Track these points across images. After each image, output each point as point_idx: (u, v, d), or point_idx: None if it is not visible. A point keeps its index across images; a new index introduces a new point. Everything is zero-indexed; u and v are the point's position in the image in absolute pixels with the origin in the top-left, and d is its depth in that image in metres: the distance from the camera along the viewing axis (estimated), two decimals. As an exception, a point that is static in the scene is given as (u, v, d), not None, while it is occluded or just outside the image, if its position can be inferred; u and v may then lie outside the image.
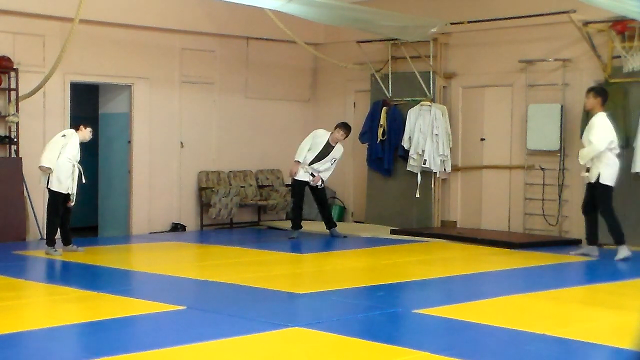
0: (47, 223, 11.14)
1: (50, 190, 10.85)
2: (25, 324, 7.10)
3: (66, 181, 10.77)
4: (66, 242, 11.08)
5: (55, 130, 12.27)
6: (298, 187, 13.00)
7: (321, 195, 13.15)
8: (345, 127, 13.04)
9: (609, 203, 10.85)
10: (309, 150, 12.89)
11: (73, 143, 10.81)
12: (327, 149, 12.92)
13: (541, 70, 13.21)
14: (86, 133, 10.99)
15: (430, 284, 9.26)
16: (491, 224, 13.72)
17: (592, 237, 11.09)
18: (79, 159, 10.89)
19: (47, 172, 10.75)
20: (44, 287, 9.12)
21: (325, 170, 12.96)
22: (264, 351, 6.31)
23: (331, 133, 12.99)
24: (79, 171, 10.87)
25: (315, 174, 12.89)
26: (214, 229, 14.50)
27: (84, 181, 10.99)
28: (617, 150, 10.88)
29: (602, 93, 10.94)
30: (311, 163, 12.87)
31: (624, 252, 10.78)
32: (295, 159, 12.93)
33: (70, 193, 10.83)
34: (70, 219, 11.13)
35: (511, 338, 6.67)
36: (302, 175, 12.90)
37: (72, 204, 10.94)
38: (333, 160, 12.98)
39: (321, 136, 13.00)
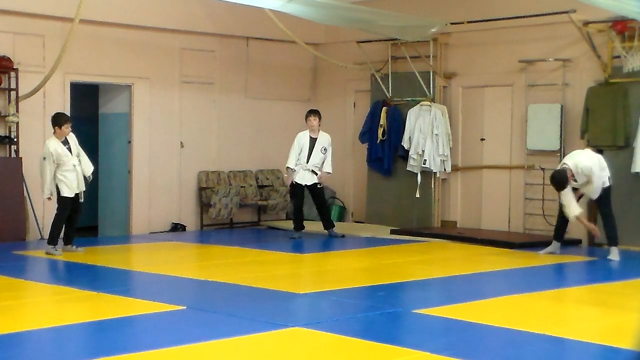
0: (53, 224, 11.01)
1: (60, 197, 10.83)
2: (25, 324, 7.10)
3: (73, 184, 10.79)
4: (67, 241, 11.07)
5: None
6: (298, 188, 12.99)
7: (320, 196, 13.15)
8: (312, 112, 13.10)
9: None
10: (300, 154, 12.88)
11: (60, 154, 10.72)
12: (313, 142, 12.95)
13: (541, 70, 13.21)
14: (64, 130, 10.82)
15: (430, 284, 9.26)
16: (491, 224, 13.72)
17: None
18: (70, 154, 10.82)
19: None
20: (44, 287, 9.12)
21: (321, 161, 12.93)
22: (264, 351, 6.31)
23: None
24: (80, 167, 10.87)
25: (317, 172, 12.90)
26: (214, 229, 14.50)
27: (87, 174, 11.01)
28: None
29: None
30: (308, 161, 12.90)
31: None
32: (286, 166, 12.99)
33: (80, 191, 10.87)
34: (78, 219, 11.12)
35: (511, 338, 6.67)
36: (301, 178, 12.89)
37: (82, 200, 10.96)
38: (322, 149, 12.96)
39: (303, 136, 13.00)
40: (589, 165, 10.79)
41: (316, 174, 12.95)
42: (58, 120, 10.92)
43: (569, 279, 10.22)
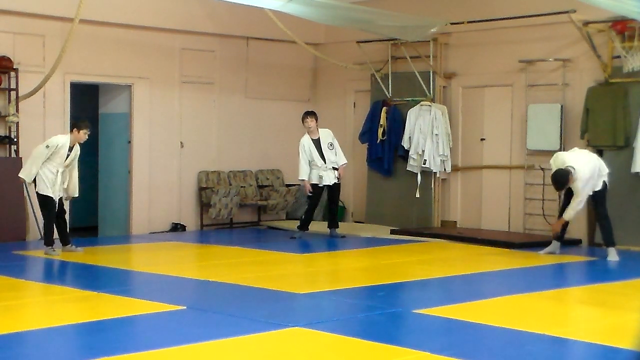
0: (43, 225, 11.12)
1: (37, 193, 10.90)
2: (25, 324, 7.10)
3: (51, 187, 10.78)
4: (64, 242, 11.07)
5: (55, 130, 12.28)
6: (320, 188, 12.94)
7: (337, 194, 13.11)
8: (308, 114, 13.02)
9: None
10: (311, 160, 12.83)
11: (59, 154, 10.73)
12: (317, 143, 12.93)
13: (541, 70, 13.21)
14: (81, 135, 10.86)
15: (430, 284, 9.26)
16: (491, 224, 13.72)
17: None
18: (63, 161, 10.80)
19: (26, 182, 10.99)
20: (44, 287, 9.12)
21: (336, 157, 12.92)
22: (264, 351, 6.31)
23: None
24: (60, 176, 10.80)
25: (337, 167, 12.89)
26: (214, 229, 14.50)
27: (71, 194, 11.04)
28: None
29: None
30: (325, 161, 12.85)
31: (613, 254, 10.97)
32: (300, 178, 12.96)
33: (60, 197, 10.86)
34: (65, 218, 11.12)
35: (511, 338, 6.67)
36: (328, 179, 12.86)
37: (56, 210, 10.91)
38: (329, 145, 12.95)
39: (305, 141, 12.91)
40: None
41: (337, 170, 12.92)
42: (80, 124, 10.91)
43: (569, 279, 10.22)
